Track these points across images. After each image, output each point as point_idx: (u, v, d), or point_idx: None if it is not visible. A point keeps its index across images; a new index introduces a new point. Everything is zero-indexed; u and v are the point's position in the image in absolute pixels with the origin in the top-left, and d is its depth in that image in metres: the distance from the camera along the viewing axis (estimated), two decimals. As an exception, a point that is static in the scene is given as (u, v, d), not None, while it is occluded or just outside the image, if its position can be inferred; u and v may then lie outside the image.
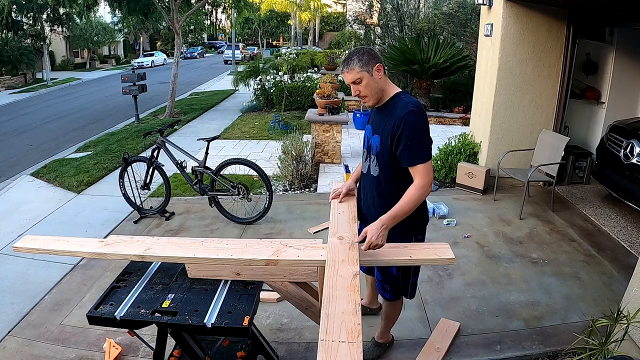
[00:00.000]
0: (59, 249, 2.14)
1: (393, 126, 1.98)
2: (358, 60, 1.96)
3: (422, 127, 1.97)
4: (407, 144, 1.95)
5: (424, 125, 1.98)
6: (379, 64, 1.99)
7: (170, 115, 10.84)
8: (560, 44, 4.94)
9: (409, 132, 1.94)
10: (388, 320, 2.59)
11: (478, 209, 4.69)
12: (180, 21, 11.13)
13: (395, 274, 2.31)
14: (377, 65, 1.98)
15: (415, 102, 2.01)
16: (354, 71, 1.98)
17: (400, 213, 1.95)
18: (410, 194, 1.96)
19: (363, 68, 1.97)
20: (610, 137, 4.48)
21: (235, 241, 2.17)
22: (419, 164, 1.96)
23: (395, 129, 1.97)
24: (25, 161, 7.77)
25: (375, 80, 2.00)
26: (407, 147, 1.96)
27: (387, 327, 2.62)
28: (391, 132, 1.99)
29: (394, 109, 2.01)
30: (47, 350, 2.74)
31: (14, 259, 3.81)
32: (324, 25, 44.96)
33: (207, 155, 4.53)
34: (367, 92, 2.02)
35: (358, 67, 1.97)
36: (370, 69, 1.97)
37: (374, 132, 2.14)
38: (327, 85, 7.01)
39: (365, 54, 1.98)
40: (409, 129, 1.94)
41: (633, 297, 2.45)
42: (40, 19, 20.38)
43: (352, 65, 1.98)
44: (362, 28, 15.19)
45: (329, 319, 1.51)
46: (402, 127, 1.94)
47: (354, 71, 1.98)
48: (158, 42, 41.21)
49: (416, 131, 1.95)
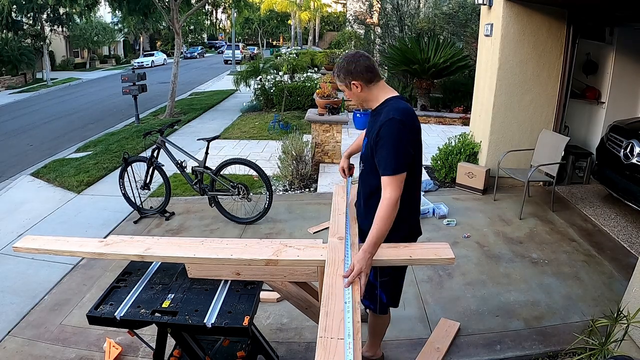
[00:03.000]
0: (58, 249, 2.14)
1: (375, 132, 1.95)
2: (337, 75, 2.05)
3: (399, 136, 1.88)
4: (380, 153, 1.91)
5: (402, 135, 1.89)
6: (355, 82, 1.99)
7: (170, 115, 10.84)
8: (560, 44, 4.94)
9: (384, 141, 1.89)
10: (372, 333, 2.50)
11: (478, 209, 4.69)
12: (180, 21, 11.13)
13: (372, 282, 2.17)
14: (353, 82, 2.00)
15: (401, 110, 1.93)
16: (338, 81, 2.07)
17: (379, 236, 1.84)
18: (379, 211, 1.86)
19: (342, 82, 2.04)
20: (610, 137, 4.48)
21: (235, 241, 2.17)
22: (387, 175, 1.87)
23: (375, 135, 1.94)
24: (25, 161, 7.77)
25: (356, 92, 2.03)
26: (380, 156, 1.91)
27: (373, 340, 2.52)
28: (373, 137, 1.96)
29: (380, 114, 1.98)
30: (47, 350, 2.74)
31: (14, 259, 3.81)
32: (324, 25, 44.98)
33: (207, 155, 4.53)
34: (352, 98, 2.11)
35: (339, 80, 2.05)
36: (348, 82, 2.01)
37: (366, 135, 2.15)
38: (327, 85, 7.02)
39: (342, 70, 2.01)
40: (384, 137, 1.89)
41: (633, 297, 2.45)
42: (40, 19, 20.41)
43: (336, 77, 2.07)
44: (362, 28, 15.20)
45: (328, 317, 1.51)
46: (379, 134, 1.91)
47: (338, 81, 2.07)
48: (158, 42, 41.22)
49: (390, 140, 1.88)
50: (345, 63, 2.00)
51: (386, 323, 2.48)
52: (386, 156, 1.88)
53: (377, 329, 2.48)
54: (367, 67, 1.98)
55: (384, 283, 2.22)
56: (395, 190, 1.85)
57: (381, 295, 2.25)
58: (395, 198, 1.85)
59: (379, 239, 1.84)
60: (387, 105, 2.00)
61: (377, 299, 2.26)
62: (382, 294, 2.25)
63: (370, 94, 2.03)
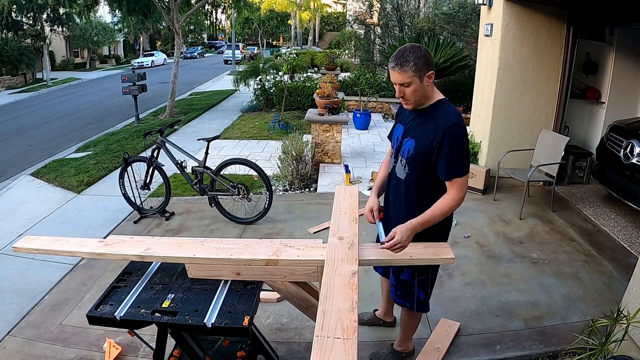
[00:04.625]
0: (58, 249, 2.13)
1: (435, 136, 1.92)
2: (414, 64, 1.84)
3: (464, 141, 1.94)
4: (447, 157, 1.92)
5: (465, 139, 1.95)
6: (432, 72, 1.89)
7: (170, 115, 10.85)
8: (560, 44, 4.94)
9: (451, 146, 1.90)
10: (405, 328, 2.55)
11: (478, 209, 4.68)
12: (180, 21, 11.13)
13: (409, 280, 2.27)
14: (430, 72, 1.89)
15: (459, 114, 1.96)
16: (406, 74, 1.86)
17: (431, 220, 1.96)
18: (443, 204, 1.96)
19: (416, 73, 1.86)
20: (610, 137, 4.47)
21: (235, 241, 2.17)
22: (456, 178, 1.94)
23: (436, 139, 1.92)
24: (25, 161, 7.78)
25: (423, 86, 1.91)
26: (448, 160, 1.92)
27: (405, 335, 2.57)
28: (431, 141, 1.94)
29: (436, 117, 1.95)
30: (47, 350, 2.74)
31: (14, 259, 3.81)
32: (324, 25, 45.01)
33: (207, 155, 4.53)
34: (412, 97, 1.93)
35: (412, 71, 1.85)
36: (422, 75, 1.87)
37: (407, 134, 2.07)
38: (327, 85, 7.03)
39: (422, 58, 1.85)
40: (451, 142, 1.90)
41: (633, 297, 2.45)
42: (40, 19, 20.42)
43: (406, 67, 1.85)
44: (362, 28, 15.19)
45: (325, 316, 1.51)
46: (444, 139, 1.90)
47: (406, 74, 1.86)
48: (158, 42, 41.23)
49: (458, 145, 1.92)
50: (423, 53, 1.87)
51: (419, 319, 2.53)
52: (457, 160, 1.94)
53: (411, 324, 2.52)
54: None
55: (422, 281, 2.27)
56: (462, 191, 1.96)
57: (419, 293, 2.30)
58: (462, 198, 1.97)
59: (429, 222, 1.96)
60: (442, 107, 1.98)
61: (415, 297, 2.30)
62: (419, 292, 2.30)
63: (433, 88, 1.98)
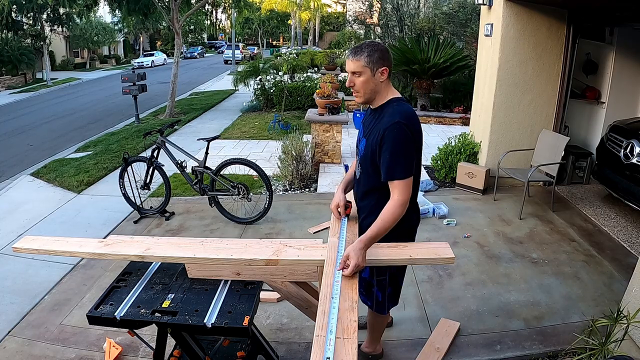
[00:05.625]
0: (58, 250, 2.13)
1: (378, 135, 1.90)
2: (367, 55, 1.87)
3: (405, 141, 1.86)
4: (386, 157, 1.87)
5: (408, 139, 1.87)
6: (385, 68, 1.90)
7: (170, 115, 10.84)
8: (560, 44, 4.94)
9: (391, 145, 1.85)
10: (370, 329, 2.50)
11: (478, 209, 4.69)
12: (180, 21, 11.13)
13: (368, 279, 2.21)
14: (383, 68, 1.89)
15: (405, 112, 1.90)
16: (358, 62, 1.88)
17: (381, 231, 1.86)
18: (387, 211, 1.87)
19: (368, 65, 1.87)
20: (610, 137, 4.47)
21: (235, 241, 2.17)
22: (396, 180, 1.87)
23: (379, 138, 1.89)
24: (25, 161, 7.77)
25: (374, 81, 1.91)
26: (387, 160, 1.87)
27: (372, 336, 2.52)
28: (375, 140, 1.92)
29: (383, 115, 1.94)
30: (47, 350, 2.74)
31: (14, 259, 3.81)
32: (324, 25, 44.96)
33: (207, 155, 4.53)
34: (361, 89, 1.94)
35: (364, 61, 1.87)
36: (375, 68, 1.88)
37: (363, 135, 2.07)
38: (327, 85, 7.01)
39: (378, 52, 1.88)
40: (390, 141, 1.85)
41: (633, 297, 2.45)
42: (40, 19, 20.39)
43: (359, 57, 1.88)
44: (362, 28, 15.21)
45: (325, 316, 1.51)
46: (385, 138, 1.87)
47: (358, 62, 1.88)
48: (158, 42, 41.21)
49: (397, 145, 1.85)
50: (379, 48, 1.89)
51: (384, 321, 2.48)
52: (395, 160, 1.86)
53: (377, 325, 2.48)
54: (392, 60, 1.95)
55: (380, 282, 2.22)
56: (404, 194, 1.87)
57: (377, 293, 2.25)
58: (404, 200, 1.87)
59: (379, 235, 1.86)
60: (391, 106, 1.95)
61: (374, 297, 2.26)
62: (378, 293, 2.25)
63: (383, 88, 1.96)
